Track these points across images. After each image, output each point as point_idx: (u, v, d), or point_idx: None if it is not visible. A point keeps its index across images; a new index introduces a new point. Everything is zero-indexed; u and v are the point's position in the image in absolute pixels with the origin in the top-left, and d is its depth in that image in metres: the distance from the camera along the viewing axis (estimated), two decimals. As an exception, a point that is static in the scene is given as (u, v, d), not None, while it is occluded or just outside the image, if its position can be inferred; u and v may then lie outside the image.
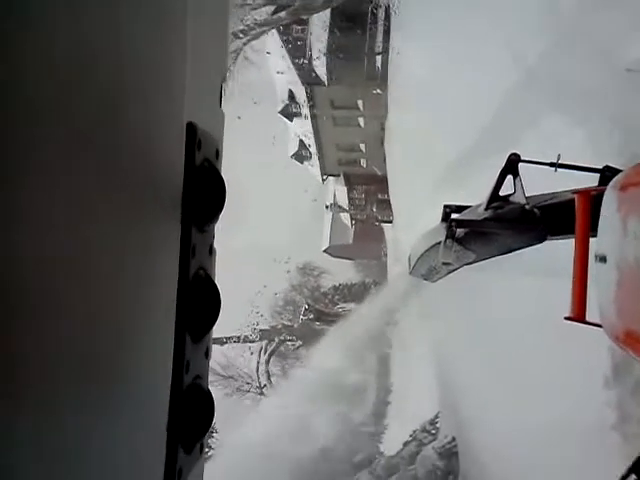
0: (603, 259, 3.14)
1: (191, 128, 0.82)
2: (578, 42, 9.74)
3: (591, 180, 3.70)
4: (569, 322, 3.58)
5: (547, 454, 7.78)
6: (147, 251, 0.75)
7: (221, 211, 0.90)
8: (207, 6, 0.94)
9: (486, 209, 3.92)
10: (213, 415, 0.90)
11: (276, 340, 30.19)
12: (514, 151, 3.75)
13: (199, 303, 0.86)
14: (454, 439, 15.04)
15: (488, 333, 11.65)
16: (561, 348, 6.91)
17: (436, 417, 17.09)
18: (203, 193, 0.85)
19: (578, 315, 3.52)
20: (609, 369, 4.03)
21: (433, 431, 16.78)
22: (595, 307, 3.26)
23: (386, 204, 28.98)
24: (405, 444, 17.01)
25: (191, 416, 0.84)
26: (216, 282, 0.93)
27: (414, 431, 17.14)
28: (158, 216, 0.78)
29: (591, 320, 3.42)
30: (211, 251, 0.94)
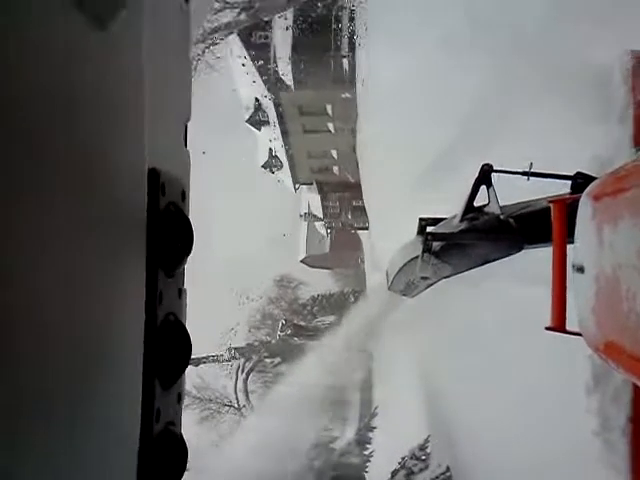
0: (581, 269, 3.21)
1: (154, 174, 0.85)
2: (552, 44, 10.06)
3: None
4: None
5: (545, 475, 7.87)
6: (113, 299, 0.76)
7: (189, 254, 0.92)
8: (167, 46, 0.95)
9: (461, 220, 4.00)
10: (186, 462, 0.92)
11: (254, 358, 29.99)
12: (487, 162, 3.84)
13: (169, 349, 0.88)
14: (448, 469, 14.08)
15: (473, 344, 11.74)
16: (547, 355, 7.02)
17: (426, 441, 16.03)
18: (169, 238, 0.87)
19: (558, 325, 3.60)
20: (590, 376, 4.14)
21: (423, 457, 15.69)
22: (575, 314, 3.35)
23: (361, 211, 29.12)
24: (393, 474, 16.03)
25: (163, 464, 0.86)
26: (186, 325, 0.95)
27: (402, 458, 16.10)
28: (122, 263, 0.80)
29: (571, 329, 3.51)
30: (180, 294, 0.96)
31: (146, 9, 0.81)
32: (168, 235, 0.87)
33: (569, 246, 3.51)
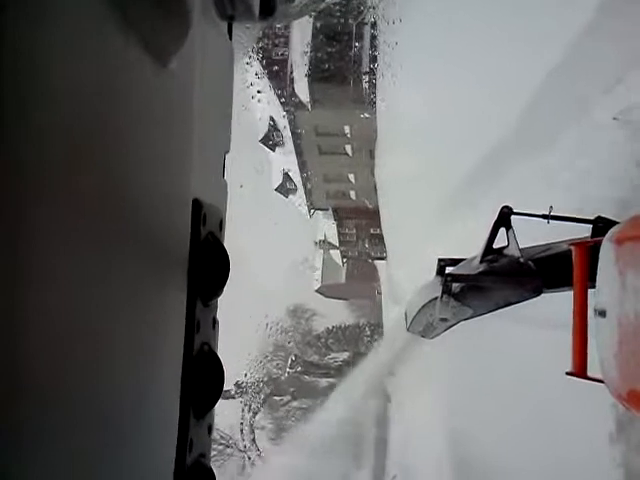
0: (602, 314, 3.40)
1: (197, 204, 0.92)
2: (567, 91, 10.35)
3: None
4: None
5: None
6: (154, 327, 0.82)
7: (225, 284, 0.98)
8: (212, 78, 1.03)
9: (481, 262, 4.21)
10: None
11: (262, 396, 29.83)
12: (506, 204, 4.07)
13: (202, 379, 0.93)
14: None
15: (496, 390, 11.74)
16: (571, 401, 7.14)
17: None
18: (208, 267, 0.94)
19: (579, 370, 3.77)
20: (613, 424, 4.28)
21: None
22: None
23: (379, 239, 29.22)
24: None
25: None
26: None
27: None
28: (165, 291, 0.86)
29: (593, 375, 3.67)
30: (214, 324, 1.01)
31: (195, 44, 0.88)
32: (207, 265, 0.93)
33: (589, 291, 3.70)
